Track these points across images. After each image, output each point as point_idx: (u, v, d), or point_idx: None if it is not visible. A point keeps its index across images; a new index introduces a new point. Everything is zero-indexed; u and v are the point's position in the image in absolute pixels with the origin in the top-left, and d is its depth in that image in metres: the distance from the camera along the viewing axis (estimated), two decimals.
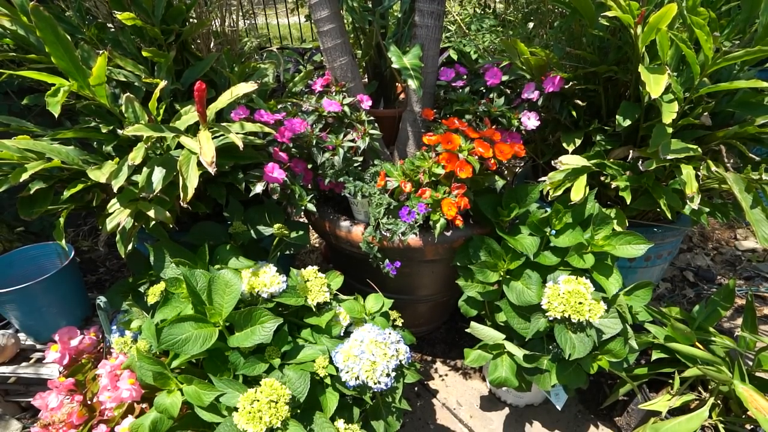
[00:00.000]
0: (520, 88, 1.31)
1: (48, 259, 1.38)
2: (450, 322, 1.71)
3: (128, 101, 1.03)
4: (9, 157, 0.97)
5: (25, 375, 1.26)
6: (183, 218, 1.26)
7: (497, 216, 1.19)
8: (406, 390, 1.44)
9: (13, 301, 1.21)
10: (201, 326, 0.89)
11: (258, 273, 1.01)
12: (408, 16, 1.34)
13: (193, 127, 1.06)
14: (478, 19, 1.90)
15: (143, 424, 0.85)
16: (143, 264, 1.20)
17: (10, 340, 1.27)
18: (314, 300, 1.03)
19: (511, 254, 1.14)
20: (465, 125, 1.18)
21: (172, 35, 1.20)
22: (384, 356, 0.92)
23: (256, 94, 1.27)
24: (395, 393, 0.98)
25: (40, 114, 1.48)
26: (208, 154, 0.89)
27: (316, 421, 0.88)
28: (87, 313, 1.40)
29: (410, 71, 1.16)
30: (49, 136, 1.09)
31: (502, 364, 1.13)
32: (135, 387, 0.93)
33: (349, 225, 1.25)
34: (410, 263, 1.26)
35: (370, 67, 1.50)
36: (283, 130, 1.14)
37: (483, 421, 1.37)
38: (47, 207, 1.05)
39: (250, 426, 0.77)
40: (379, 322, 1.09)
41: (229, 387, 0.86)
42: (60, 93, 0.87)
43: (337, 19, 1.23)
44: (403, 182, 1.16)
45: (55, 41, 0.87)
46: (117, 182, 0.94)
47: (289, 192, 1.16)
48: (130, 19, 1.08)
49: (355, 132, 1.24)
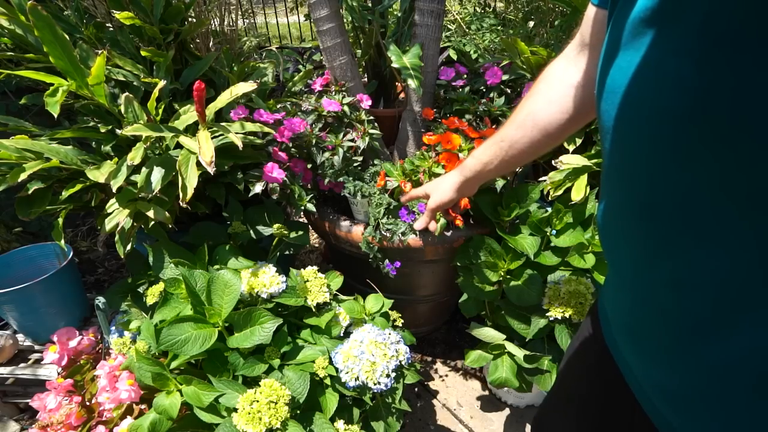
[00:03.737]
0: (520, 88, 1.30)
1: (46, 259, 1.38)
2: (450, 322, 1.71)
3: (127, 101, 1.03)
4: (7, 157, 0.96)
5: (23, 376, 1.25)
6: (182, 218, 1.26)
7: (497, 216, 1.19)
8: (406, 390, 1.43)
9: (12, 302, 1.21)
10: (200, 327, 0.89)
11: (257, 273, 1.00)
12: (408, 15, 1.33)
13: (192, 126, 1.05)
14: (479, 18, 1.89)
15: (142, 425, 0.84)
16: (142, 264, 1.19)
17: (9, 340, 1.27)
18: (314, 300, 1.03)
19: (511, 254, 1.14)
20: (465, 125, 1.18)
21: (171, 35, 1.20)
22: (384, 357, 0.92)
23: (256, 93, 1.27)
24: (395, 394, 0.97)
25: (39, 114, 1.47)
26: (207, 153, 0.89)
27: (315, 422, 0.88)
28: (86, 313, 1.39)
29: (410, 70, 1.16)
30: (47, 135, 1.08)
31: (502, 365, 1.12)
32: (134, 388, 0.92)
33: (348, 225, 1.24)
34: (410, 263, 1.26)
35: (369, 67, 1.49)
36: (283, 130, 1.14)
37: (483, 421, 1.37)
38: (45, 207, 1.05)
39: (250, 427, 0.76)
40: (379, 322, 1.09)
41: (228, 388, 0.85)
42: (59, 93, 0.87)
43: (336, 18, 1.22)
44: (403, 182, 1.15)
45: (54, 40, 0.87)
46: (116, 182, 0.94)
47: (289, 192, 1.15)
48: (129, 18, 1.08)
49: (355, 132, 1.23)
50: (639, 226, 0.36)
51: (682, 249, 0.33)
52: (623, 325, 0.47)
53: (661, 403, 0.43)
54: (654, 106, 0.30)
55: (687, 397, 0.39)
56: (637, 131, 0.32)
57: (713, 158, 0.28)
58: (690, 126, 0.28)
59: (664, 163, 0.31)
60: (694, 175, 0.29)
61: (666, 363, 0.40)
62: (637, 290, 0.41)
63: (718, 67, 0.25)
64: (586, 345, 0.63)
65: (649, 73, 0.30)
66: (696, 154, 0.28)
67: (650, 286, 0.39)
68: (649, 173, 0.33)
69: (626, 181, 0.36)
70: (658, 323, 0.39)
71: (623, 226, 0.39)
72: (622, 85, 0.32)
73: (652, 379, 0.43)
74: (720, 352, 0.33)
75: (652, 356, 0.43)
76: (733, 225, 0.29)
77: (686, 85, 0.27)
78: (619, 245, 0.42)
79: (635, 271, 0.40)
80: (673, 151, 0.30)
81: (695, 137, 0.28)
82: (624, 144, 0.34)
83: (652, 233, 0.35)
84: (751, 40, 0.24)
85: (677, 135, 0.29)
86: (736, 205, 0.28)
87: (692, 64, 0.27)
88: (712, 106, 0.26)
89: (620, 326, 0.48)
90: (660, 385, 0.42)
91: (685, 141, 0.29)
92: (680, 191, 0.31)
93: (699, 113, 0.27)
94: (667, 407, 0.42)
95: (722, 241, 0.30)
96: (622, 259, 0.42)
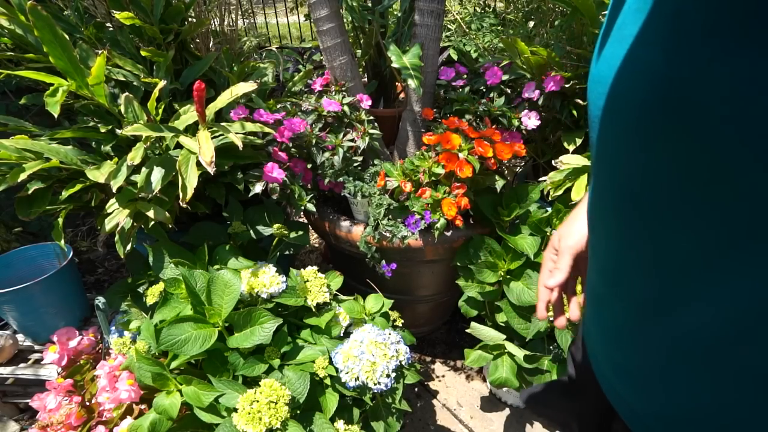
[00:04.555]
0: (520, 88, 1.30)
1: (46, 259, 1.38)
2: (450, 322, 1.71)
3: (127, 101, 1.02)
4: (7, 157, 0.96)
5: (23, 376, 1.25)
6: (182, 218, 1.26)
7: (498, 216, 1.19)
8: (406, 391, 1.43)
9: (12, 302, 1.21)
10: (200, 327, 0.89)
11: (257, 273, 1.00)
12: (408, 15, 1.33)
13: (192, 126, 1.05)
14: (479, 18, 1.89)
15: (142, 425, 0.84)
16: (142, 264, 1.19)
17: (9, 340, 1.27)
18: (314, 300, 1.03)
19: (511, 254, 1.14)
20: (465, 125, 1.18)
21: (171, 34, 1.20)
22: (384, 357, 0.92)
23: (256, 93, 1.27)
24: (395, 394, 0.97)
25: (38, 114, 1.47)
26: (207, 153, 0.89)
27: (315, 422, 0.88)
28: (86, 313, 1.39)
29: (410, 70, 1.16)
30: (47, 135, 1.08)
31: (502, 365, 1.12)
32: (134, 388, 0.92)
33: (348, 225, 1.24)
34: (410, 263, 1.26)
35: (369, 67, 1.49)
36: (283, 130, 1.14)
37: (483, 421, 1.37)
38: (45, 207, 1.05)
39: (250, 427, 0.76)
40: (379, 322, 1.08)
41: (228, 388, 0.85)
42: (59, 93, 0.87)
43: (336, 18, 1.22)
44: (403, 182, 1.15)
45: (54, 40, 0.87)
46: (116, 182, 0.94)
47: (289, 192, 1.15)
48: (129, 18, 1.08)
49: (355, 132, 1.23)
50: (615, 213, 0.38)
51: (649, 231, 0.35)
52: (591, 307, 0.50)
53: (618, 382, 0.45)
54: (628, 97, 0.32)
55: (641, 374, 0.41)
56: (613, 120, 0.34)
57: (677, 146, 0.29)
58: (656, 115, 0.29)
59: (635, 151, 0.33)
60: (661, 162, 0.31)
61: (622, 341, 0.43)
62: (605, 272, 0.44)
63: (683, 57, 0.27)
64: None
65: (627, 64, 0.31)
66: (662, 143, 0.30)
67: (615, 269, 0.41)
68: (622, 161, 0.35)
69: (605, 169, 0.38)
70: (618, 302, 0.42)
71: (601, 215, 0.41)
72: (607, 76, 0.34)
73: (611, 359, 0.46)
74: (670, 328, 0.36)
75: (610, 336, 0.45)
76: (697, 209, 0.30)
77: (654, 74, 0.29)
78: (596, 231, 0.44)
79: (607, 255, 0.42)
80: (642, 139, 0.31)
81: (660, 126, 0.30)
82: (603, 133, 0.36)
83: (622, 218, 0.37)
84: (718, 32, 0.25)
85: (645, 123, 0.31)
86: (700, 190, 0.29)
87: (661, 53, 0.28)
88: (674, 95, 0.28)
89: (590, 311, 0.51)
90: (617, 364, 0.45)
91: (651, 129, 0.30)
92: (649, 178, 0.32)
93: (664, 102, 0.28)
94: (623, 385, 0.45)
95: (689, 223, 0.31)
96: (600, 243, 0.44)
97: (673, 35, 0.27)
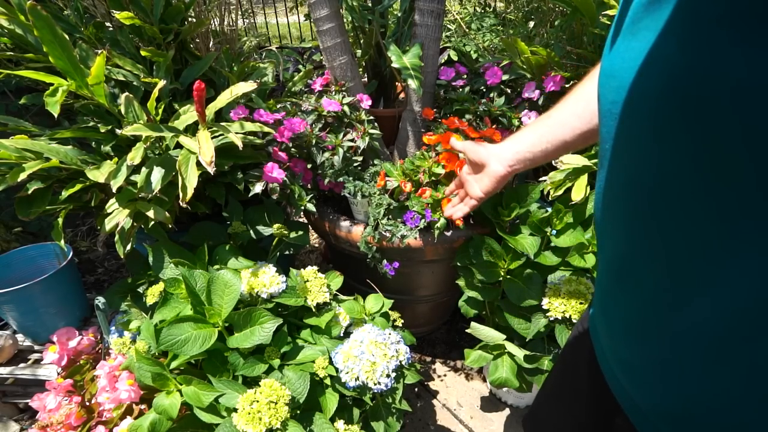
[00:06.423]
0: (520, 88, 1.30)
1: (46, 259, 1.38)
2: (450, 322, 1.71)
3: (127, 101, 1.02)
4: (7, 157, 0.96)
5: (23, 376, 1.25)
6: (182, 218, 1.26)
7: (498, 216, 1.19)
8: (406, 391, 1.43)
9: (11, 302, 1.21)
10: (200, 327, 0.89)
11: (257, 273, 1.00)
12: (408, 15, 1.33)
13: (192, 126, 1.05)
14: (479, 18, 1.89)
15: (142, 426, 0.84)
16: (142, 264, 1.19)
17: (8, 341, 1.27)
18: (314, 300, 1.03)
19: (511, 254, 1.14)
20: (465, 125, 1.18)
21: (170, 34, 1.20)
22: (384, 357, 0.92)
23: (256, 93, 1.26)
24: (395, 394, 0.97)
25: (38, 113, 1.47)
26: (207, 153, 0.89)
27: (315, 422, 0.88)
28: (85, 313, 1.39)
29: (410, 70, 1.16)
30: (47, 135, 1.08)
31: (502, 365, 1.12)
32: (134, 388, 0.92)
33: (348, 225, 1.24)
34: (410, 263, 1.26)
35: (369, 67, 1.49)
36: (283, 130, 1.13)
37: (483, 421, 1.37)
38: (45, 207, 1.05)
39: (250, 427, 0.76)
40: (379, 322, 1.08)
41: (228, 388, 0.85)
42: (59, 93, 0.87)
43: (336, 18, 1.22)
44: (403, 182, 1.15)
45: (53, 40, 0.86)
46: (116, 182, 0.94)
47: (289, 192, 1.15)
48: (129, 18, 1.08)
49: (355, 131, 1.23)
50: (625, 207, 0.38)
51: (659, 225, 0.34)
52: (599, 303, 0.50)
53: (624, 377, 0.45)
54: (644, 89, 0.32)
55: (645, 370, 0.41)
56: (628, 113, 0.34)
57: (692, 138, 0.29)
58: (672, 106, 0.29)
59: (648, 143, 0.33)
60: (675, 155, 0.31)
61: (628, 336, 0.43)
62: (613, 267, 0.43)
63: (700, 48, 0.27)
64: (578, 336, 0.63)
65: (641, 56, 0.31)
66: (677, 134, 0.30)
67: (623, 263, 0.41)
68: (636, 154, 0.35)
69: (617, 163, 0.38)
70: (624, 297, 0.42)
71: (611, 209, 0.41)
72: (620, 69, 0.34)
73: (617, 354, 0.46)
74: (677, 323, 0.36)
75: (617, 331, 0.45)
76: (702, 200, 0.30)
77: (671, 66, 0.29)
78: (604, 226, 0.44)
79: (615, 250, 0.42)
80: (657, 131, 0.31)
81: (675, 118, 0.29)
82: (617, 126, 0.36)
83: (633, 212, 0.37)
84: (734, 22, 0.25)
85: (661, 115, 0.30)
86: (705, 181, 0.29)
87: (676, 45, 0.28)
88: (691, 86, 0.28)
89: (597, 306, 0.51)
90: (623, 360, 0.45)
91: (667, 121, 0.30)
92: (660, 169, 0.32)
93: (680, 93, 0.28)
94: (628, 381, 0.45)
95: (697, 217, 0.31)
96: (607, 238, 0.44)
97: (689, 26, 0.27)
